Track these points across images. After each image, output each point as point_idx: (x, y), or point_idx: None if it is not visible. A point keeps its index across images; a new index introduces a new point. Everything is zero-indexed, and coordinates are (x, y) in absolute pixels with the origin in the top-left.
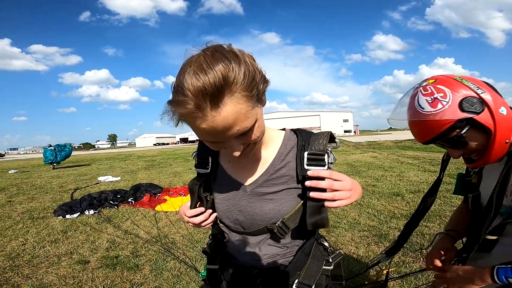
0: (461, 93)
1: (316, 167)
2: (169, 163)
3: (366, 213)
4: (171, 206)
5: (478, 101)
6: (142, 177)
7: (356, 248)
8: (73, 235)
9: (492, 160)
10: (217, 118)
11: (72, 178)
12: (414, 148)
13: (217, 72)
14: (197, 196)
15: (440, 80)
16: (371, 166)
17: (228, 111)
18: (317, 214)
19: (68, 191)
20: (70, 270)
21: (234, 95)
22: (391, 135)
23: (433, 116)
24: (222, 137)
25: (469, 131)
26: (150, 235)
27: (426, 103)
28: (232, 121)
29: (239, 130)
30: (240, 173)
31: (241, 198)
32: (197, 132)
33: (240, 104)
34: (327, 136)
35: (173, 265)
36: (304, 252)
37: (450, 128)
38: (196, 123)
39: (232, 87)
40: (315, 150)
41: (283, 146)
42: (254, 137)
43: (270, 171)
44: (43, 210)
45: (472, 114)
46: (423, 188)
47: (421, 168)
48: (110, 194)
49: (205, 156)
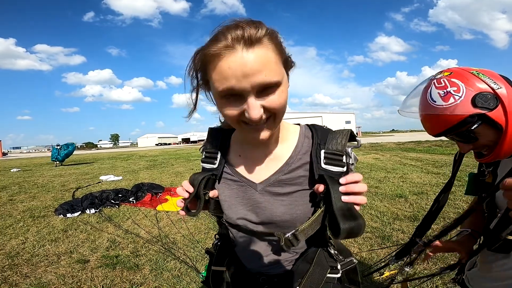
0: (475, 88)
1: (334, 167)
2: (171, 163)
3: (369, 215)
4: (173, 206)
5: (492, 97)
6: (143, 177)
7: (359, 249)
8: (74, 234)
9: (502, 155)
10: (247, 56)
11: (74, 177)
12: (417, 150)
13: (253, 23)
14: (196, 193)
15: (456, 73)
16: (373, 167)
17: (259, 53)
18: (352, 220)
19: (69, 190)
20: (70, 269)
21: (266, 45)
22: (393, 136)
23: (444, 110)
24: (247, 82)
25: (481, 126)
26: (150, 235)
27: (438, 97)
28: (261, 64)
29: (266, 77)
30: (251, 170)
31: (250, 195)
32: (220, 76)
33: (271, 53)
34: (347, 135)
35: (174, 265)
36: (306, 259)
37: (461, 122)
38: (224, 63)
39: (264, 38)
40: (333, 150)
41: (300, 144)
42: (276, 102)
43: (284, 170)
44: (44, 208)
45: (485, 110)
46: (426, 189)
47: (424, 170)
48: (111, 193)
49: (214, 150)
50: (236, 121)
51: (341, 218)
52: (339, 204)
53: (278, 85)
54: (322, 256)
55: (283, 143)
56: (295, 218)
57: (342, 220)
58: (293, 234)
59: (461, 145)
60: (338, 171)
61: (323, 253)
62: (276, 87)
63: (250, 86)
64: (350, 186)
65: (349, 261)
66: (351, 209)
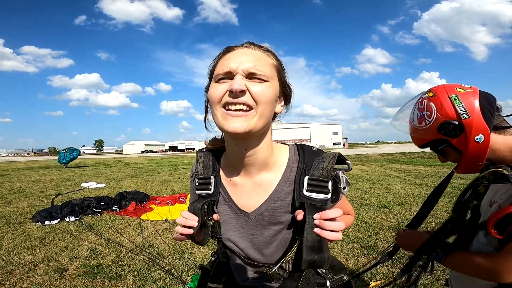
0: (445, 115)
1: (317, 194)
2: (157, 171)
3: (355, 225)
4: (158, 215)
5: (456, 127)
6: (128, 185)
7: (345, 260)
8: (52, 242)
9: (465, 172)
10: (247, 50)
11: (54, 183)
12: (401, 161)
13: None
14: (202, 222)
15: (436, 96)
16: (359, 178)
17: (259, 53)
18: (316, 253)
19: (49, 196)
20: (47, 278)
21: (267, 55)
22: (378, 148)
23: (416, 132)
24: (240, 64)
25: (446, 147)
26: (134, 244)
27: (416, 118)
28: (256, 59)
29: (255, 67)
30: (243, 198)
31: (243, 223)
32: (223, 60)
33: (269, 60)
34: (334, 159)
35: (158, 276)
36: (294, 277)
37: (430, 142)
38: (230, 53)
39: (268, 52)
40: (317, 176)
41: (288, 169)
42: (260, 91)
43: (275, 198)
44: (21, 215)
45: (448, 137)
46: (409, 200)
47: (407, 181)
48: (93, 201)
49: (207, 176)
50: (218, 101)
51: (306, 249)
52: (310, 235)
53: (265, 80)
54: (309, 274)
55: (272, 170)
56: (284, 244)
57: (306, 251)
58: (279, 268)
59: (438, 156)
60: (321, 198)
61: (310, 272)
62: (263, 81)
63: (241, 68)
64: (322, 223)
65: (339, 278)
66: (321, 241)
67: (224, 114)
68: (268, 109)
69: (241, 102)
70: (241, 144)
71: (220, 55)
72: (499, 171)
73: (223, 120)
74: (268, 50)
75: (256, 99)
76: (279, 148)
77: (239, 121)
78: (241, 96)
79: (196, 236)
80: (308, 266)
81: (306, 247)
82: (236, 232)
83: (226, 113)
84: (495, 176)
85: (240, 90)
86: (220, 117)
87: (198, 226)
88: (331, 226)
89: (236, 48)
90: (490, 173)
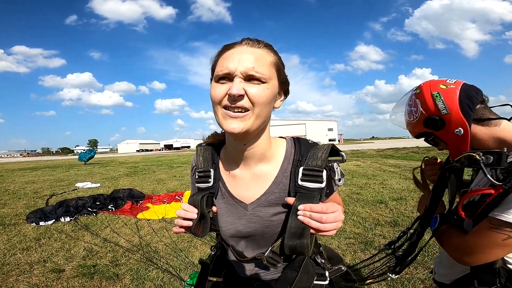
0: (428, 111)
1: (312, 183)
2: (153, 170)
3: (352, 221)
4: (154, 214)
5: (438, 121)
6: (123, 184)
7: (343, 255)
8: (47, 242)
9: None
10: (246, 48)
11: (48, 183)
12: (395, 157)
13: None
14: (201, 214)
15: (421, 93)
16: (355, 174)
17: (258, 52)
18: (296, 238)
19: (43, 197)
20: (43, 278)
21: (267, 53)
22: (373, 144)
23: (409, 124)
24: (239, 65)
25: (435, 138)
26: (131, 244)
27: (407, 113)
28: (254, 58)
29: (254, 68)
30: (242, 190)
31: (242, 215)
32: (222, 59)
33: (268, 58)
34: (327, 150)
35: (156, 275)
36: (294, 267)
37: (420, 134)
38: (230, 51)
39: (267, 48)
40: (312, 166)
41: (286, 161)
42: (257, 93)
43: (274, 189)
44: (15, 216)
45: (432, 130)
46: (404, 195)
47: (402, 176)
48: (88, 200)
49: (207, 169)
50: (219, 102)
51: (288, 235)
52: (294, 221)
53: (263, 82)
54: (309, 264)
55: (270, 162)
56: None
57: (288, 236)
58: (271, 251)
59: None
60: (316, 187)
61: (310, 262)
62: (261, 82)
63: (239, 70)
64: (306, 213)
65: (337, 268)
66: (304, 229)
67: (224, 114)
68: (265, 109)
69: (239, 106)
70: (240, 140)
71: (219, 53)
72: (472, 155)
73: (223, 120)
74: (267, 46)
75: (253, 101)
76: (277, 141)
77: (236, 121)
78: (239, 100)
79: (195, 228)
80: (289, 251)
81: (288, 232)
82: (233, 225)
83: (226, 113)
84: (469, 160)
85: (238, 95)
86: (220, 116)
87: (197, 218)
88: (314, 216)
89: (235, 45)
90: (466, 157)
